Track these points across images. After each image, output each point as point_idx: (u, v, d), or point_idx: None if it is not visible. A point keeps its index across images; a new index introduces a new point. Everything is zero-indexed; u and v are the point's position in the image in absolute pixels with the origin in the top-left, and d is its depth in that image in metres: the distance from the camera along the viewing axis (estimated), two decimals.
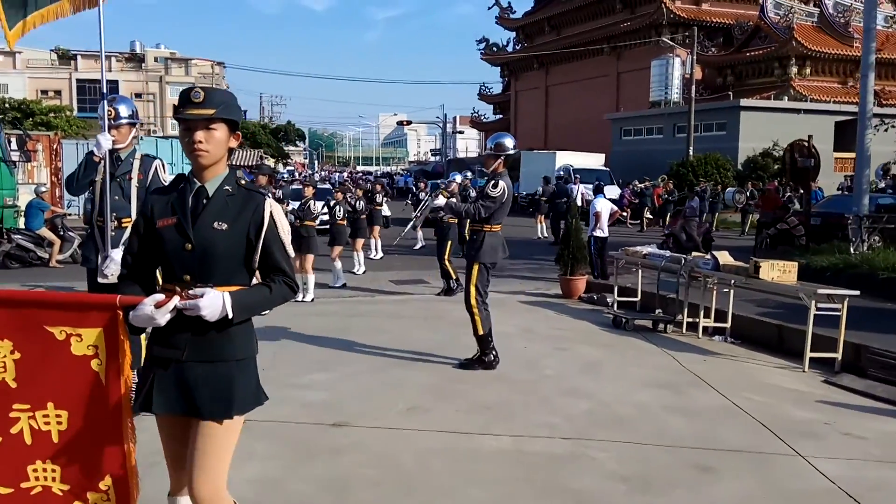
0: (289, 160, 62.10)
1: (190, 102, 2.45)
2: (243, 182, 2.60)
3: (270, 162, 49.96)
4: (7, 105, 42.86)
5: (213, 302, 2.38)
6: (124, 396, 2.49)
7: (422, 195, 18.40)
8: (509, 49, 55.81)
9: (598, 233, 12.34)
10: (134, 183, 4.86)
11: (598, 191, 13.62)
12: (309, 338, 7.49)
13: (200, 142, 2.45)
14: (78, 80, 59.77)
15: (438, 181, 16.47)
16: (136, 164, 4.91)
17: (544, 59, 50.23)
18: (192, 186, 2.53)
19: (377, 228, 15.61)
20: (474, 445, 4.67)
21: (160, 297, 2.39)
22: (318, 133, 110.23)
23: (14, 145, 15.17)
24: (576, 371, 6.59)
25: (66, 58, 61.64)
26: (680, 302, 8.58)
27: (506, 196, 6.46)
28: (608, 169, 31.34)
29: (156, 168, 4.95)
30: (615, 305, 9.84)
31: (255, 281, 2.62)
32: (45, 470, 2.52)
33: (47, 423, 2.49)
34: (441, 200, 6.55)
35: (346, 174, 56.39)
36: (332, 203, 11.96)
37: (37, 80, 59.56)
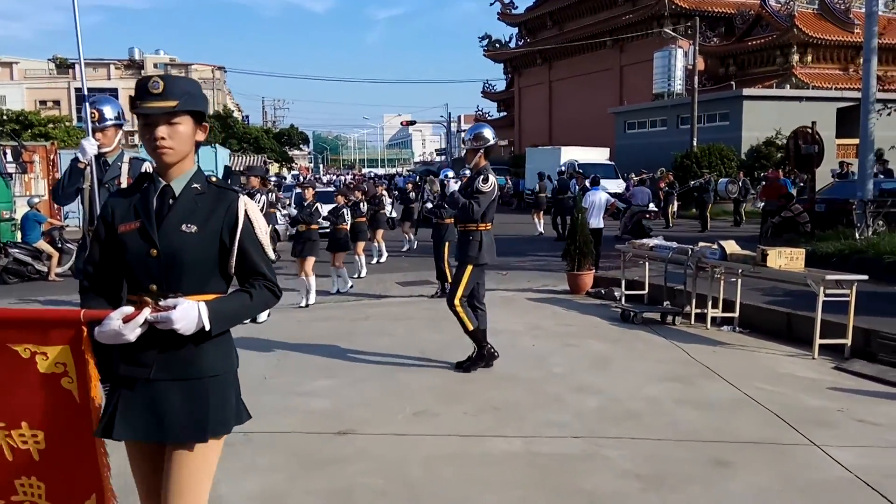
0: (293, 164, 62.03)
1: (148, 94, 2.22)
2: (214, 179, 2.42)
3: (275, 167, 49.96)
4: (5, 117, 42.77)
5: (188, 313, 2.16)
6: (94, 417, 2.34)
7: (411, 195, 18.14)
8: (512, 45, 55.60)
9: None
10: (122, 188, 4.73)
11: (593, 183, 13.76)
12: (313, 344, 7.40)
13: (163, 138, 2.25)
14: (76, 90, 59.46)
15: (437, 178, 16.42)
16: (125, 167, 4.71)
17: (547, 54, 49.99)
18: (157, 186, 2.33)
19: (381, 232, 15.24)
20: (484, 449, 4.58)
21: (128, 310, 2.18)
22: (322, 136, 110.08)
23: (9, 157, 15.10)
24: (585, 367, 6.50)
25: (64, 67, 61.41)
26: (688, 293, 8.49)
27: (495, 191, 6.31)
28: (613, 163, 31.18)
29: (145, 171, 4.80)
30: (623, 299, 9.75)
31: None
32: (31, 486, 2.43)
33: (25, 443, 2.39)
34: (454, 186, 6.36)
35: (349, 176, 56.05)
36: (333, 207, 11.84)
37: (35, 90, 59.28)
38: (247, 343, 7.28)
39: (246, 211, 2.36)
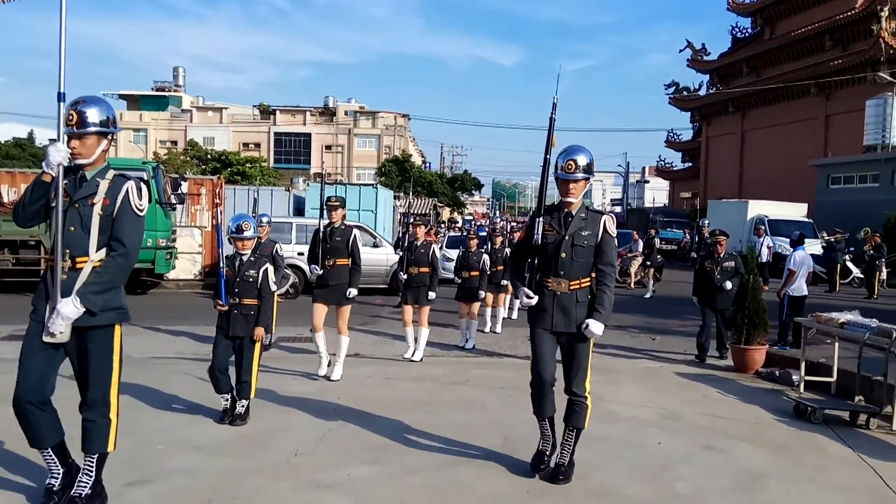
0: (463, 209, 62.18)
1: None
2: None
3: (446, 211, 50.18)
4: (209, 156, 46.60)
5: None
6: None
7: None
8: (702, 92, 52.39)
9: (791, 292, 10.36)
10: (97, 210, 3.62)
11: (797, 243, 11.08)
12: (381, 411, 6.04)
13: None
14: (276, 134, 64.24)
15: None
16: (104, 185, 3.70)
17: (741, 102, 46.53)
18: None
19: None
20: None
21: None
22: (500, 184, 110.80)
23: (170, 188, 15.45)
24: (724, 488, 4.61)
25: (266, 113, 66.53)
26: (889, 387, 6.27)
27: None
28: (811, 221, 27.66)
29: (127, 190, 3.70)
30: (802, 386, 7.57)
31: None
32: None
33: None
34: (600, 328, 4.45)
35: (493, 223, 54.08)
36: (464, 250, 10.59)
37: (240, 133, 64.57)
38: (305, 404, 6.12)
39: None
